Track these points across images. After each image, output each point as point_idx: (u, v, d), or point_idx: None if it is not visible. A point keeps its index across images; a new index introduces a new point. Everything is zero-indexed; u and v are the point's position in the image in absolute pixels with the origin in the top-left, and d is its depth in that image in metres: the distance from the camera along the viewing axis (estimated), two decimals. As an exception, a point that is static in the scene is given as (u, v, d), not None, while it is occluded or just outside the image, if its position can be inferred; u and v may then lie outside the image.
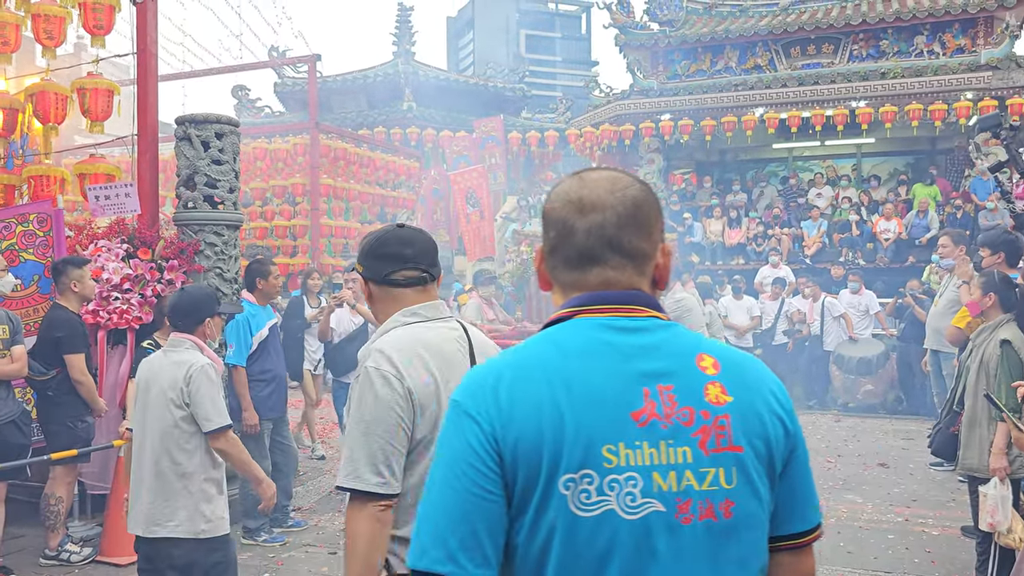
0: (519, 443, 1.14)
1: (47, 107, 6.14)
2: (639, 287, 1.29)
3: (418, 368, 1.96)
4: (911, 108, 13.76)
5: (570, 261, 1.29)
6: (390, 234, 2.14)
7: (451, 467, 1.17)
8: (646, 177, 16.04)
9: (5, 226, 5.61)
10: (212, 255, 5.94)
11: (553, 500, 1.13)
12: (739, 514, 1.18)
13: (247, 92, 20.09)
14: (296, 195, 12.11)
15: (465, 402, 1.20)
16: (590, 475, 1.13)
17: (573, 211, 1.28)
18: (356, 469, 1.89)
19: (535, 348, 1.24)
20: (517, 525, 1.15)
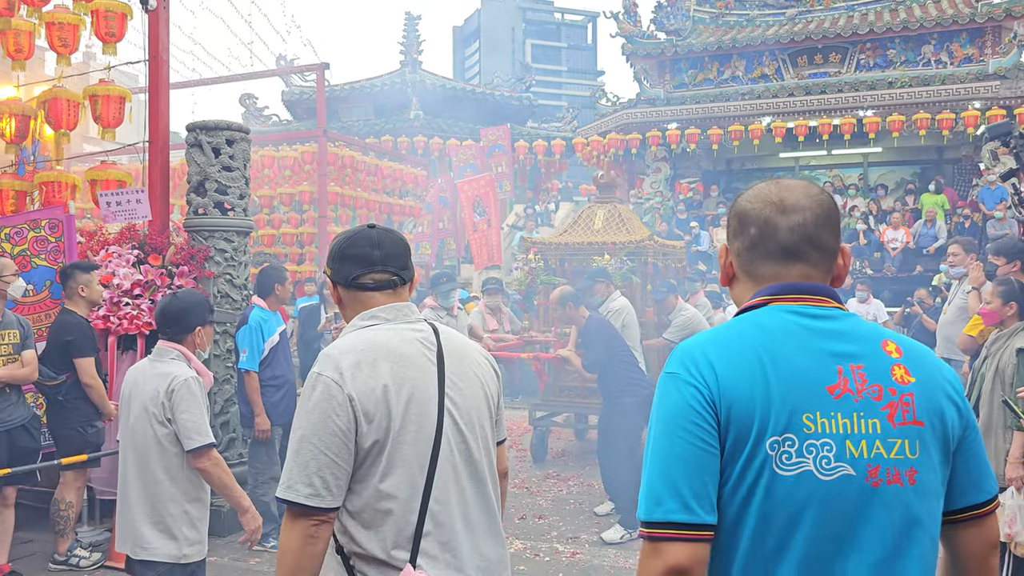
0: (733, 407, 1.30)
1: (59, 114, 6.17)
2: (825, 282, 1.46)
3: (365, 372, 1.85)
4: (919, 117, 13.76)
5: (773, 255, 1.44)
6: (359, 235, 2.03)
7: (675, 427, 1.32)
8: (652, 186, 16.08)
9: (17, 232, 5.63)
10: (222, 261, 5.95)
11: (759, 458, 1.29)
12: (920, 482, 1.33)
13: (255, 100, 20.17)
14: (303, 203, 12.14)
15: (680, 372, 1.36)
16: (791, 439, 1.29)
17: (775, 211, 1.44)
18: (290, 479, 1.81)
19: (740, 328, 1.40)
20: (724, 477, 1.31)
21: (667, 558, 1.27)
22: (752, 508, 1.30)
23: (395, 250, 2.03)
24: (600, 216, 8.43)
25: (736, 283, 1.53)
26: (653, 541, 1.29)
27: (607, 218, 8.39)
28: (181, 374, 3.17)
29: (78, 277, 5.12)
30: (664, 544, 1.27)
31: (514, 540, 5.72)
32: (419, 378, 1.92)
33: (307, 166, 12.25)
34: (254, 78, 12.40)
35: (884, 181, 15.66)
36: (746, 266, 1.49)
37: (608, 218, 8.39)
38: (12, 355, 4.81)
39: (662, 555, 1.27)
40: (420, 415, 1.89)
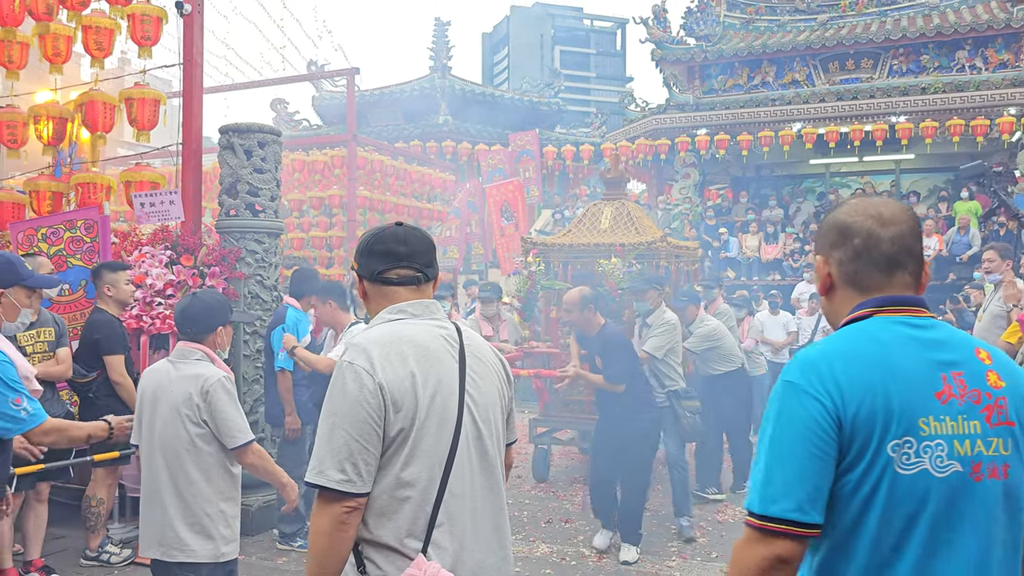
0: (857, 416, 1.46)
1: (95, 116, 6.27)
2: (918, 291, 1.63)
3: (394, 362, 1.90)
4: (952, 124, 13.58)
5: (878, 265, 1.60)
6: (386, 232, 2.08)
7: (797, 435, 1.46)
8: (681, 192, 16.00)
9: (53, 232, 5.73)
10: (253, 262, 6.01)
11: (881, 461, 1.45)
12: (1013, 476, 1.51)
13: (286, 105, 20.36)
14: (333, 206, 12.23)
15: (803, 383, 1.50)
16: (911, 441, 1.46)
17: (876, 223, 1.60)
18: (321, 465, 1.85)
19: (854, 340, 1.55)
20: (844, 480, 1.47)
21: (775, 549, 1.44)
22: (875, 506, 1.46)
23: (420, 247, 2.08)
24: (607, 215, 7.68)
25: (836, 292, 1.66)
26: (763, 532, 1.46)
27: (615, 217, 7.63)
28: (213, 375, 3.15)
29: (105, 277, 5.20)
30: (774, 538, 1.45)
31: (540, 544, 5.71)
32: (443, 372, 1.97)
33: (336, 170, 12.35)
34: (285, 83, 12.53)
35: (917, 188, 15.47)
36: (850, 276, 1.63)
37: (616, 217, 7.63)
38: (48, 352, 4.90)
39: (771, 546, 1.45)
40: (443, 408, 1.94)
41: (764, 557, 1.45)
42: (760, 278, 14.05)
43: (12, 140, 6.53)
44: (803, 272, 12.72)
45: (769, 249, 14.42)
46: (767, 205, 15.78)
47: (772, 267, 14.21)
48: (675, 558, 5.46)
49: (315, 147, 13.23)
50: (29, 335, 4.84)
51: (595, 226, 7.67)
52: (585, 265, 7.37)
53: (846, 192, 15.83)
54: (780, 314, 11.27)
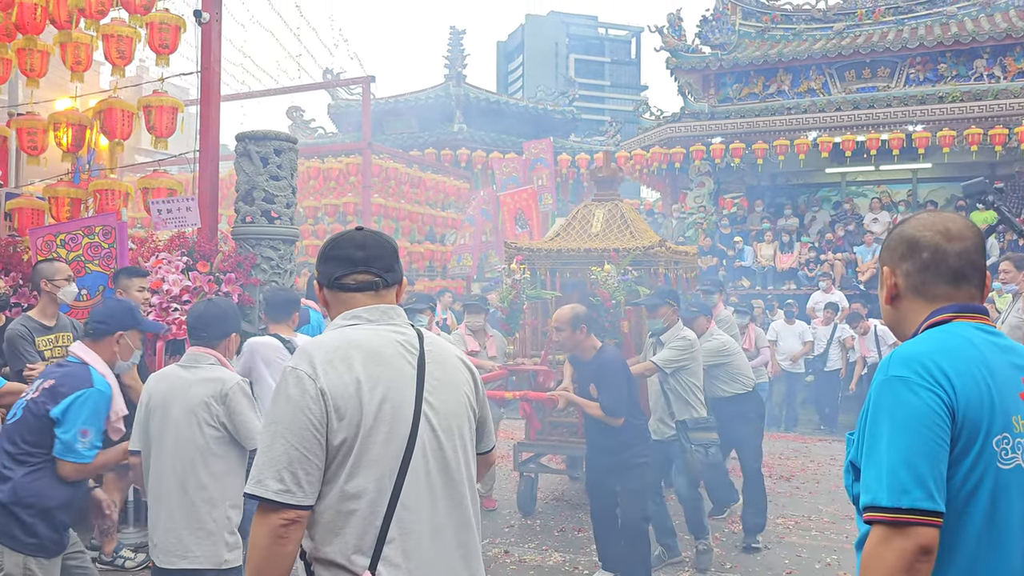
0: (967, 410, 1.52)
1: (114, 123, 6.32)
2: (982, 302, 1.72)
3: (338, 367, 1.82)
4: (970, 133, 13.50)
5: (945, 278, 1.68)
6: (344, 237, 2.03)
7: (918, 425, 1.51)
8: (695, 200, 15.96)
9: (72, 238, 5.78)
10: (268, 269, 6.04)
11: (987, 455, 1.53)
12: None
13: (302, 113, 20.48)
14: (347, 214, 12.29)
15: (915, 377, 1.54)
16: (1007, 437, 1.55)
17: (943, 238, 1.68)
18: (260, 474, 1.76)
19: (949, 339, 1.61)
20: (952, 471, 1.52)
21: (918, 539, 1.46)
22: (979, 498, 1.52)
23: (379, 252, 2.01)
24: (599, 217, 6.96)
25: (902, 301, 1.74)
26: (900, 526, 1.47)
27: (607, 220, 6.93)
28: (230, 379, 3.16)
29: (119, 282, 5.25)
30: (912, 528, 1.46)
31: (552, 552, 5.70)
32: (395, 379, 1.89)
33: (351, 178, 12.42)
34: (301, 91, 12.60)
35: (934, 197, 15.36)
36: (917, 286, 1.71)
37: (609, 220, 6.93)
38: (65, 356, 4.93)
39: (913, 537, 1.46)
40: (393, 416, 1.85)
41: (908, 550, 1.45)
42: (775, 287, 13.98)
43: (32, 147, 6.59)
44: (819, 281, 12.65)
45: (784, 258, 14.35)
46: (782, 214, 15.71)
47: (787, 276, 14.15)
48: (688, 568, 5.42)
49: (330, 154, 13.31)
50: (48, 339, 4.88)
51: (586, 230, 6.96)
52: (575, 273, 6.68)
53: (863, 201, 15.75)
54: (796, 324, 11.23)
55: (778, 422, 11.41)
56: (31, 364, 4.76)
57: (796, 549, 5.90)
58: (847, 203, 15.65)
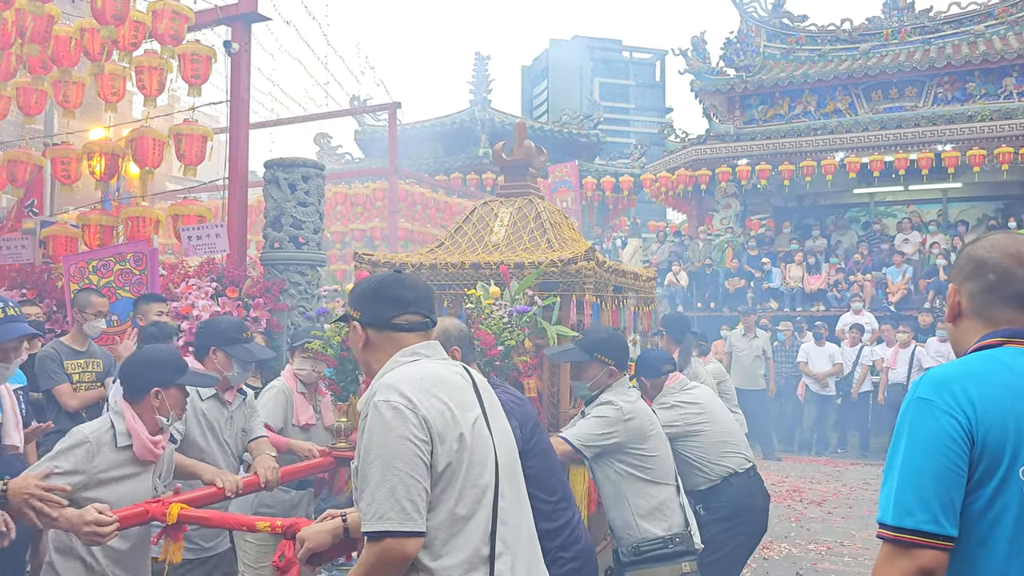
0: (989, 436, 1.51)
1: (145, 152, 6.43)
2: None
3: (430, 397, 1.89)
4: (1001, 151, 13.34)
5: (1009, 302, 1.66)
6: (391, 278, 2.09)
7: (932, 450, 1.51)
8: (722, 222, 15.89)
9: (103, 264, 5.87)
10: (296, 294, 6.09)
11: (1012, 483, 1.51)
12: None
13: (329, 139, 20.71)
14: (375, 238, 12.39)
15: (937, 400, 1.55)
16: None
17: (1014, 263, 1.65)
18: (378, 509, 1.78)
19: (987, 364, 1.60)
20: (974, 496, 1.52)
21: (920, 561, 1.48)
22: (1004, 526, 1.51)
23: (426, 293, 2.12)
24: (503, 219, 4.73)
25: (963, 320, 1.73)
26: (901, 545, 1.50)
27: (514, 223, 4.70)
28: None
29: (138, 307, 5.34)
30: (915, 549, 1.49)
31: None
32: (471, 404, 2.00)
33: (378, 203, 12.53)
34: (328, 117, 12.74)
35: (965, 217, 15.17)
36: (979, 308, 1.69)
37: (517, 223, 4.69)
38: (94, 383, 5.00)
39: (914, 558, 1.49)
40: (480, 439, 1.96)
41: (909, 570, 1.48)
42: (804, 309, 13.83)
43: (66, 176, 6.72)
44: (850, 303, 12.51)
45: (812, 280, 14.21)
46: (810, 235, 15.58)
47: (816, 298, 13.99)
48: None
49: (357, 180, 13.45)
50: (78, 364, 4.96)
51: (482, 238, 4.71)
52: (455, 302, 4.29)
53: (891, 221, 15.59)
54: (826, 345, 11.11)
55: (809, 446, 11.25)
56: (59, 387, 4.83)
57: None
58: (876, 223, 15.50)
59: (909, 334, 10.79)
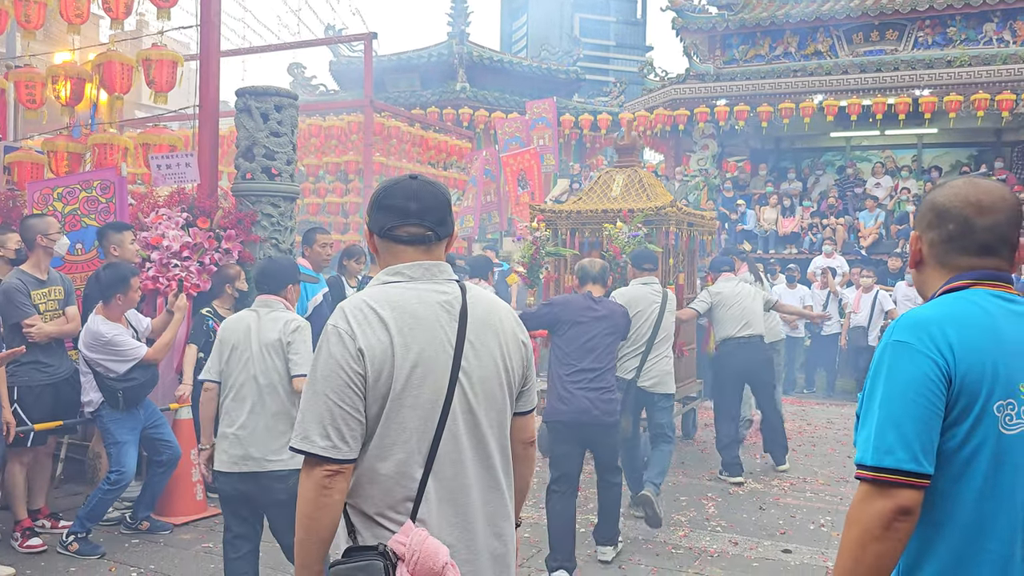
0: (966, 376, 1.54)
1: (113, 77, 6.26)
2: (1011, 272, 1.71)
3: (374, 326, 1.84)
4: (977, 97, 13.35)
5: (970, 250, 1.67)
6: (398, 185, 1.98)
7: (911, 390, 1.54)
8: (699, 163, 15.86)
9: (69, 191, 5.75)
10: (268, 226, 6.02)
11: (987, 419, 1.55)
12: None
13: (303, 70, 20.27)
14: (349, 172, 12.22)
15: (915, 343, 1.57)
16: (1013, 403, 1.56)
17: (974, 211, 1.66)
18: (305, 430, 1.81)
19: (962, 306, 1.62)
20: (950, 435, 1.55)
21: (898, 500, 1.51)
22: (980, 462, 1.55)
23: (433, 204, 1.97)
24: (619, 182, 7.53)
25: (925, 267, 1.76)
26: (880, 484, 1.52)
27: (626, 185, 7.49)
28: (298, 318, 3.81)
29: (110, 237, 5.24)
30: (894, 489, 1.51)
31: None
32: (429, 343, 1.88)
33: (353, 136, 12.31)
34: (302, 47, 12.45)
35: (938, 163, 15.26)
36: (940, 256, 1.71)
37: (628, 184, 7.49)
38: (57, 311, 4.97)
39: (892, 497, 1.51)
40: (423, 382, 1.86)
41: (887, 509, 1.51)
42: (777, 251, 13.96)
43: (30, 100, 6.54)
44: (822, 246, 12.62)
45: (787, 222, 14.31)
46: (786, 178, 15.63)
47: (789, 240, 14.12)
48: (684, 528, 5.48)
49: (332, 112, 13.18)
50: (42, 293, 4.90)
51: (606, 193, 7.52)
52: (593, 232, 7.25)
53: (866, 166, 15.66)
54: (797, 288, 11.23)
55: (776, 386, 11.47)
56: (28, 320, 4.78)
57: (790, 510, 5.96)
58: (850, 167, 15.55)
59: (872, 278, 10.92)
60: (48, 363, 4.92)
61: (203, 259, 5.68)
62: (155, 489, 5.08)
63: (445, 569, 1.79)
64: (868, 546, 1.52)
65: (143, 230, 5.71)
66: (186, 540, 5.03)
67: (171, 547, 4.91)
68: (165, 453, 5.01)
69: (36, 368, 4.87)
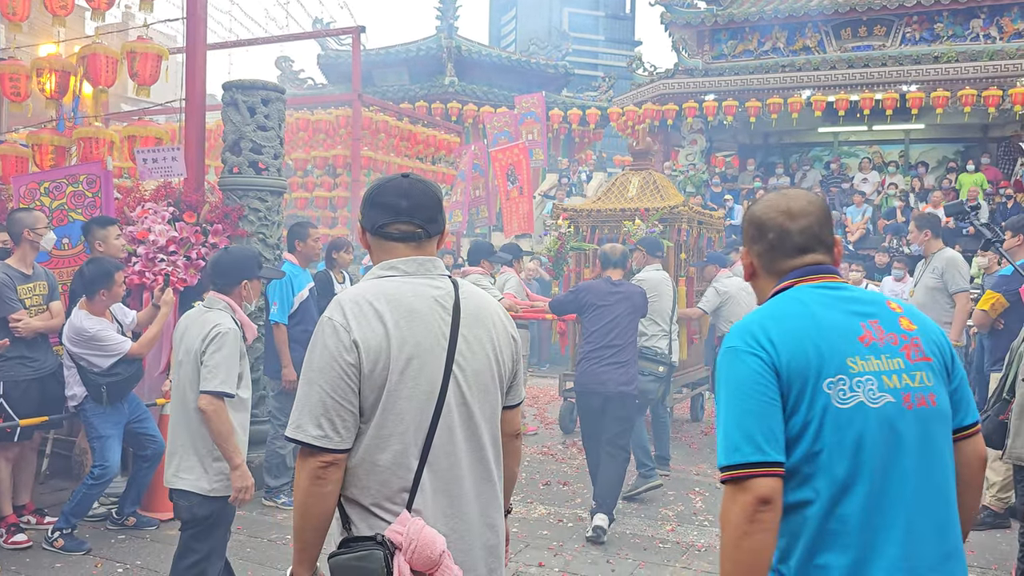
0: (791, 363, 1.65)
1: (98, 70, 6.21)
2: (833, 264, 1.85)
3: (370, 321, 1.86)
4: (964, 93, 13.43)
5: (789, 254, 1.82)
6: (390, 183, 2.02)
7: (745, 388, 1.65)
8: (687, 158, 15.89)
9: (56, 186, 5.71)
10: (255, 220, 5.99)
11: (821, 398, 1.64)
12: (939, 404, 1.72)
13: (291, 63, 20.18)
14: (337, 166, 12.18)
15: (740, 345, 1.70)
16: (843, 378, 1.65)
17: (786, 218, 1.82)
18: (299, 420, 1.85)
19: (780, 304, 1.77)
20: (792, 421, 1.65)
21: (755, 491, 1.58)
22: (822, 439, 1.63)
23: (423, 201, 2.01)
24: (635, 184, 8.27)
25: (758, 279, 1.90)
26: (738, 481, 1.60)
27: (642, 186, 8.22)
28: (224, 324, 3.36)
29: (95, 232, 5.19)
30: (748, 481, 1.59)
31: (538, 505, 5.76)
32: (425, 336, 1.91)
33: (341, 130, 12.26)
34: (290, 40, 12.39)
35: (925, 159, 15.33)
36: (768, 265, 1.85)
37: (643, 186, 8.22)
38: (42, 306, 4.93)
39: (750, 490, 1.58)
40: (419, 374, 1.89)
41: (748, 503, 1.58)
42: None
43: (15, 93, 6.48)
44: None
45: (774, 217, 14.34)
46: (774, 173, 15.67)
47: (777, 236, 14.14)
48: (672, 522, 5.50)
49: (320, 106, 13.13)
50: (27, 288, 4.87)
51: (623, 194, 8.29)
52: (612, 229, 7.96)
53: (853, 161, 15.72)
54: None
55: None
56: (15, 315, 4.75)
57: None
58: (834, 163, 15.61)
59: (861, 272, 10.95)
60: (33, 358, 4.88)
61: (189, 254, 5.64)
62: (141, 484, 5.05)
63: (442, 557, 1.83)
64: (740, 542, 1.57)
65: (129, 224, 5.67)
66: (172, 536, 4.98)
67: (158, 543, 4.89)
68: (150, 448, 4.98)
69: (22, 363, 4.83)
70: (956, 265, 5.99)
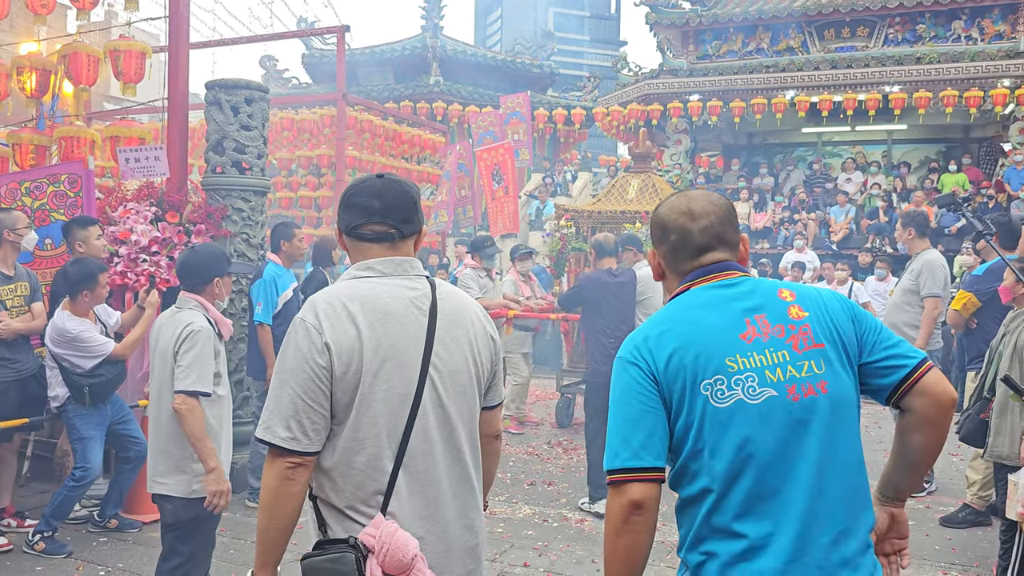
0: (668, 370, 1.69)
1: (79, 69, 6.16)
2: (737, 261, 1.87)
3: (343, 321, 1.85)
4: (946, 94, 13.54)
5: (692, 253, 1.84)
6: (364, 184, 2.01)
7: (625, 397, 1.71)
8: (672, 158, 15.93)
9: (36, 186, 5.65)
10: (239, 220, 5.96)
11: (699, 400, 1.67)
12: (832, 390, 1.70)
13: (275, 63, 20.09)
14: (322, 166, 12.13)
15: (625, 355, 1.76)
16: (721, 378, 1.67)
17: (688, 219, 1.84)
18: (269, 420, 1.85)
19: (666, 311, 1.81)
20: (676, 426, 1.70)
21: (629, 495, 1.65)
22: (703, 439, 1.67)
23: (397, 202, 1.99)
24: (635, 186, 8.47)
25: (666, 279, 1.93)
26: (615, 485, 1.67)
27: (641, 188, 8.42)
28: (196, 322, 3.33)
29: (75, 233, 5.14)
30: (624, 485, 1.66)
31: (523, 505, 5.76)
32: (400, 338, 1.89)
33: (326, 130, 12.21)
34: (274, 39, 12.30)
35: (908, 159, 15.45)
36: (672, 265, 1.89)
37: (642, 188, 8.42)
38: (23, 307, 4.88)
39: (624, 494, 1.65)
40: (393, 376, 1.87)
41: (622, 506, 1.65)
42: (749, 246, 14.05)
43: (-6, 91, 6.42)
44: (793, 240, 12.73)
45: (758, 217, 14.42)
46: (758, 173, 15.75)
47: (761, 235, 14.23)
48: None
49: (304, 106, 13.07)
50: (8, 289, 4.82)
51: (623, 196, 8.53)
52: (612, 230, 8.06)
53: (837, 161, 15.81)
54: (769, 282, 11.33)
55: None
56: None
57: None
58: (816, 163, 15.70)
59: (847, 272, 11.03)
60: (14, 359, 4.83)
61: (172, 254, 5.60)
62: (123, 486, 5.01)
63: (414, 561, 1.82)
64: (616, 541, 1.66)
65: (111, 224, 5.62)
66: (155, 538, 4.95)
67: (140, 545, 4.85)
68: (132, 449, 4.95)
69: (2, 364, 4.78)
70: (932, 268, 5.89)
